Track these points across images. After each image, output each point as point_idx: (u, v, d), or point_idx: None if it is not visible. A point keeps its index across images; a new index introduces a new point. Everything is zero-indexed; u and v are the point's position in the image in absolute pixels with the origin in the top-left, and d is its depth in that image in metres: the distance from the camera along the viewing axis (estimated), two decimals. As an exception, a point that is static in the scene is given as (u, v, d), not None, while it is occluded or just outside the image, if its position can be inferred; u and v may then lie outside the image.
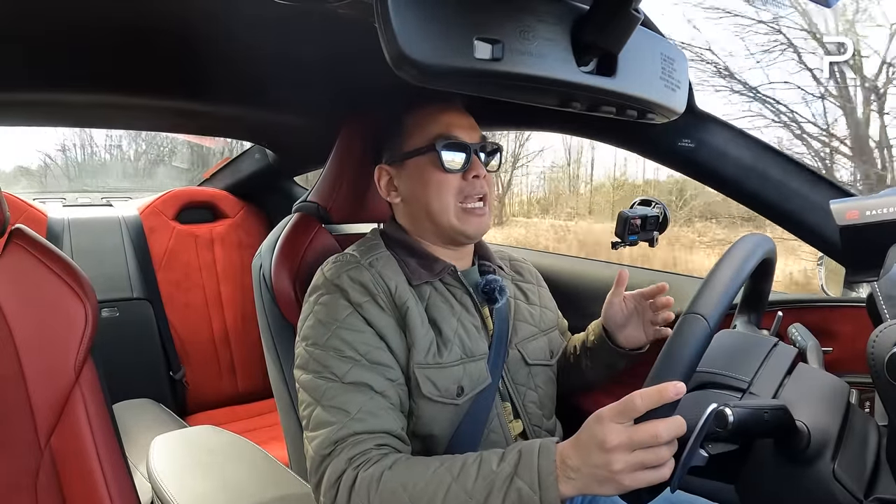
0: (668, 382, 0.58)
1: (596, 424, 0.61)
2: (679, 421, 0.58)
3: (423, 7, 0.54)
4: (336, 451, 0.74)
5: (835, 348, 0.96)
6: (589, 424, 0.62)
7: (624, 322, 0.97)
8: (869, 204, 0.85)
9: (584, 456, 0.61)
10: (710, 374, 0.69)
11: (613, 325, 0.98)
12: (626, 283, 0.97)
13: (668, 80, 0.77)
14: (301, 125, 1.48)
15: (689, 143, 1.11)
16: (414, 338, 0.82)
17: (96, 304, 0.79)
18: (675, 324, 0.65)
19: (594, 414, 0.62)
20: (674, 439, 0.59)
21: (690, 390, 0.68)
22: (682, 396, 0.58)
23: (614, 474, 0.59)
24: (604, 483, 0.60)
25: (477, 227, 0.89)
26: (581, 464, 0.61)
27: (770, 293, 0.85)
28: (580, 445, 0.62)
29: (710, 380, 0.69)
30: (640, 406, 0.58)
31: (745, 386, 0.68)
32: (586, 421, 0.63)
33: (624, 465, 0.58)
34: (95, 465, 0.75)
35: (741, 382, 0.68)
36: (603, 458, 0.59)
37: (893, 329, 0.60)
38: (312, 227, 1.08)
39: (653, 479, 0.59)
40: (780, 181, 1.08)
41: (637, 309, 0.97)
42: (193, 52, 0.97)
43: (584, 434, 0.62)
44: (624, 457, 0.59)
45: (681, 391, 0.57)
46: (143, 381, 1.87)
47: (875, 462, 0.64)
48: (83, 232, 1.98)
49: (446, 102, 0.92)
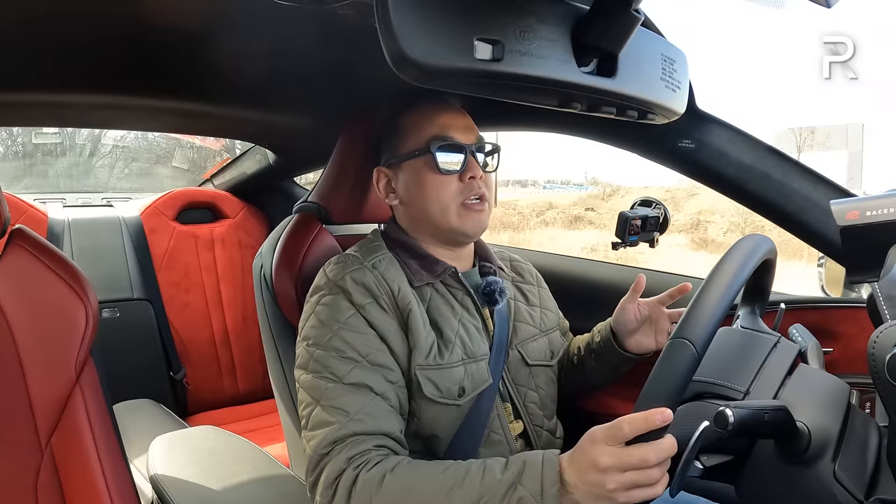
0: (655, 409, 0.59)
1: (589, 445, 0.63)
2: (668, 443, 0.59)
3: (424, 7, 0.54)
4: (335, 451, 0.74)
5: (835, 349, 0.96)
6: (583, 444, 0.64)
7: (636, 328, 0.97)
8: (869, 204, 0.85)
9: (579, 474, 0.62)
10: (706, 383, 0.69)
11: (624, 330, 0.97)
12: (642, 289, 0.96)
13: (668, 80, 0.77)
14: (302, 126, 1.48)
15: (689, 143, 1.11)
16: (416, 339, 0.82)
17: (97, 305, 0.79)
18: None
19: (588, 433, 0.64)
20: (664, 461, 0.60)
21: (686, 400, 0.68)
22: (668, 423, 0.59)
23: (609, 493, 0.60)
24: (600, 499, 0.61)
25: (476, 224, 0.88)
26: (578, 481, 0.63)
27: (771, 289, 0.85)
28: (576, 463, 0.63)
29: (707, 390, 0.69)
30: (628, 432, 0.60)
31: (740, 396, 0.68)
32: (581, 439, 0.64)
33: (617, 484, 0.60)
34: (96, 466, 0.75)
35: (737, 393, 0.68)
36: (597, 478, 0.61)
37: (894, 330, 0.60)
38: (313, 228, 1.08)
39: (647, 495, 0.61)
40: (781, 181, 1.08)
41: (651, 316, 0.96)
42: (194, 53, 0.97)
43: (578, 452, 0.64)
44: (616, 477, 0.60)
45: (667, 419, 0.58)
46: (143, 381, 1.87)
47: (876, 463, 0.64)
48: (84, 232, 1.98)
49: (442, 103, 0.91)
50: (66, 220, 1.98)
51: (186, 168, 2.77)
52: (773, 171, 1.08)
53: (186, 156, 2.78)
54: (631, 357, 0.97)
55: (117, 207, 2.16)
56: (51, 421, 0.75)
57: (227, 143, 2.55)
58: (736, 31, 52.03)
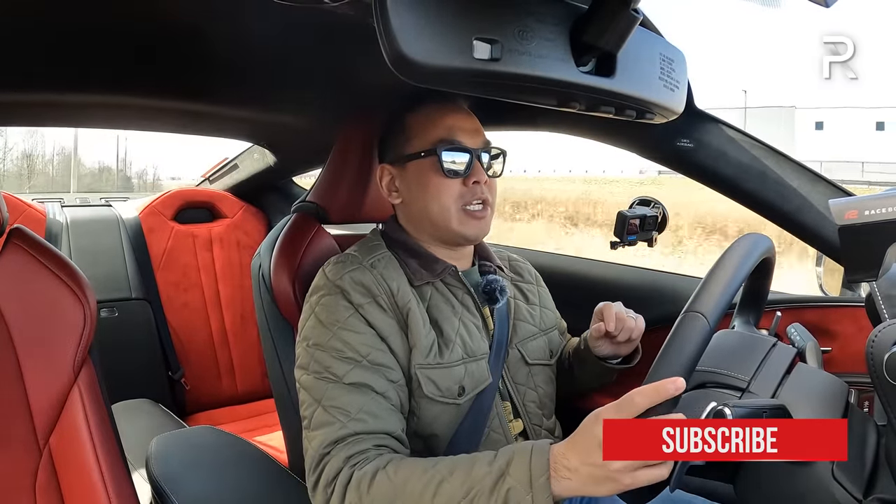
0: (667, 379, 0.57)
1: (594, 423, 0.61)
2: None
3: (422, 7, 0.54)
4: (335, 451, 0.74)
5: (834, 348, 0.96)
6: (586, 423, 0.62)
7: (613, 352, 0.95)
8: (868, 204, 0.85)
9: (582, 455, 0.61)
10: (709, 372, 0.70)
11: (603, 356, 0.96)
12: (602, 332, 0.92)
13: (666, 80, 0.77)
14: (300, 125, 1.48)
15: (687, 142, 1.11)
16: (415, 338, 0.82)
17: (95, 305, 0.79)
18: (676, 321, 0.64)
19: (592, 413, 0.62)
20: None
21: (689, 389, 0.68)
22: (681, 392, 0.57)
23: (613, 473, 0.58)
24: (602, 482, 0.60)
25: (477, 229, 0.88)
26: (579, 463, 0.61)
27: (769, 293, 0.85)
28: (577, 445, 0.62)
29: (710, 379, 0.69)
30: (640, 403, 0.58)
31: (744, 385, 0.68)
32: (584, 420, 0.63)
33: (623, 464, 0.58)
34: (94, 466, 0.75)
35: (740, 381, 0.68)
36: (601, 457, 0.59)
37: (892, 329, 0.60)
38: (311, 227, 1.07)
39: (652, 477, 0.58)
40: (779, 181, 1.08)
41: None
42: (193, 53, 0.97)
43: (580, 433, 0.62)
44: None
45: (680, 387, 0.57)
46: (141, 381, 1.87)
47: (874, 462, 0.64)
48: (82, 232, 1.97)
49: (450, 103, 0.91)
50: (64, 220, 1.98)
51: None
52: (772, 170, 1.09)
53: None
54: (612, 368, 0.97)
55: (115, 207, 2.16)
56: (49, 421, 0.75)
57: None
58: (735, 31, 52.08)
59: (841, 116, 20.49)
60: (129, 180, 20.67)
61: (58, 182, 18.11)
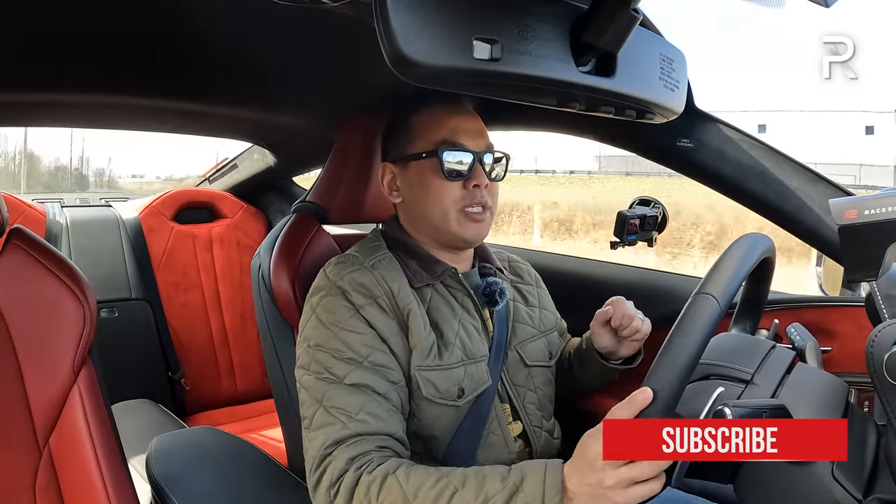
0: (636, 391, 0.59)
1: (586, 445, 0.63)
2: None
3: (422, 7, 0.54)
4: (337, 452, 0.74)
5: (833, 348, 0.96)
6: (580, 446, 0.64)
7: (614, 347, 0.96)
8: (868, 203, 0.85)
9: (580, 476, 0.62)
10: (713, 365, 0.70)
11: (604, 350, 0.96)
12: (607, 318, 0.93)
13: (666, 80, 0.77)
14: (300, 125, 1.48)
15: (687, 142, 1.11)
16: (416, 340, 0.82)
17: (95, 305, 0.79)
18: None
19: (586, 433, 0.64)
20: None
21: (694, 381, 0.68)
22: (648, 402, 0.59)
23: (606, 490, 0.60)
24: (599, 500, 0.61)
25: (475, 232, 0.88)
26: (579, 484, 0.62)
27: (766, 299, 0.85)
28: (576, 467, 0.64)
29: (714, 371, 0.69)
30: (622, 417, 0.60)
31: (748, 377, 0.68)
32: (580, 441, 0.64)
33: (615, 480, 0.60)
34: (94, 466, 0.75)
35: (745, 374, 0.68)
36: (595, 477, 0.61)
37: (892, 329, 0.60)
38: (311, 228, 1.07)
39: (645, 493, 0.60)
40: (779, 181, 1.08)
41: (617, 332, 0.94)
42: (193, 53, 0.97)
43: (576, 455, 0.64)
44: (613, 472, 0.60)
45: (647, 397, 0.59)
46: (141, 381, 1.86)
47: (874, 462, 0.64)
48: (82, 232, 1.97)
49: (455, 104, 0.90)
50: (64, 220, 1.98)
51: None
52: (772, 170, 1.08)
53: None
54: (613, 368, 0.97)
55: (115, 207, 2.16)
56: (49, 421, 0.75)
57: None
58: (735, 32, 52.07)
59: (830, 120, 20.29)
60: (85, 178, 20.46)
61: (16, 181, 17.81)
